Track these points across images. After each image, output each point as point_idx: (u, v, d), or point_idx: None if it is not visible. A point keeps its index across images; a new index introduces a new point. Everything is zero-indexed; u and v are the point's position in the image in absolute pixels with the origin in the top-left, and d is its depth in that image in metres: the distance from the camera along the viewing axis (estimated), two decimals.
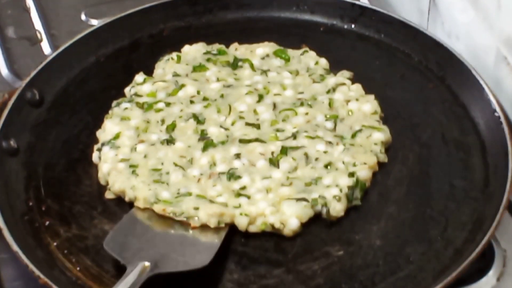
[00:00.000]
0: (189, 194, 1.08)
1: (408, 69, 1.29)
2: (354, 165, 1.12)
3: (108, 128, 1.19)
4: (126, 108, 1.21)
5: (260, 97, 1.22)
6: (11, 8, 1.51)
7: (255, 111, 1.20)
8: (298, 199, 1.07)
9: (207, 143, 1.15)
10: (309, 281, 1.02)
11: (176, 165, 1.13)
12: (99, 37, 1.33)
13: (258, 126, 1.18)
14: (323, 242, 1.06)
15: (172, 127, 1.18)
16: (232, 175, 1.11)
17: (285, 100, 1.22)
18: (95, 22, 1.45)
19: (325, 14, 1.38)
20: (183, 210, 1.06)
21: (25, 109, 1.22)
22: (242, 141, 1.16)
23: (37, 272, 1.00)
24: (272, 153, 1.14)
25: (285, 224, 1.06)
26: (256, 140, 1.16)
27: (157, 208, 1.07)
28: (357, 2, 1.37)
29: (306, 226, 1.07)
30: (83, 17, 1.48)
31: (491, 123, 1.17)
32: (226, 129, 1.18)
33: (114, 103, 1.23)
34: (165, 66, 1.29)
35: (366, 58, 1.32)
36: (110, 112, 1.22)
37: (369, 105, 1.21)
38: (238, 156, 1.13)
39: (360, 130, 1.17)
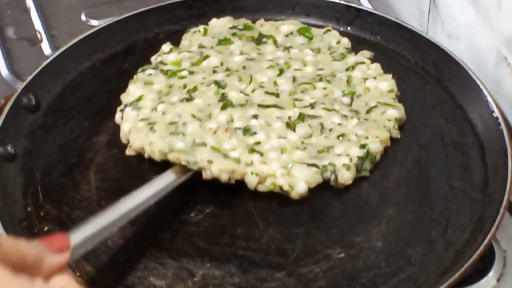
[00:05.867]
0: (204, 144, 1.10)
1: (405, 71, 1.29)
2: (367, 138, 1.14)
3: (132, 91, 1.22)
4: (150, 74, 1.24)
5: (281, 71, 1.24)
6: (11, 8, 1.51)
7: (275, 83, 1.22)
8: (309, 165, 1.09)
9: (226, 104, 1.17)
10: (311, 284, 1.01)
11: (194, 116, 1.15)
12: (94, 42, 1.32)
13: (277, 95, 1.20)
14: (324, 244, 1.06)
15: (193, 91, 1.20)
16: (248, 131, 1.13)
17: (305, 75, 1.24)
18: (95, 23, 1.45)
19: (321, 17, 1.38)
20: (196, 161, 1.08)
21: (21, 114, 1.21)
22: (260, 105, 1.18)
23: None
24: (289, 117, 1.16)
25: (293, 187, 1.08)
26: (275, 106, 1.18)
27: (171, 157, 1.09)
28: (352, 5, 1.37)
29: (307, 227, 1.07)
30: (83, 17, 1.48)
31: (490, 124, 1.17)
32: (246, 94, 1.20)
33: (139, 69, 1.25)
34: (192, 38, 1.32)
35: None
36: (134, 77, 1.24)
37: (386, 83, 1.22)
38: (255, 116, 1.15)
39: (375, 106, 1.19)
